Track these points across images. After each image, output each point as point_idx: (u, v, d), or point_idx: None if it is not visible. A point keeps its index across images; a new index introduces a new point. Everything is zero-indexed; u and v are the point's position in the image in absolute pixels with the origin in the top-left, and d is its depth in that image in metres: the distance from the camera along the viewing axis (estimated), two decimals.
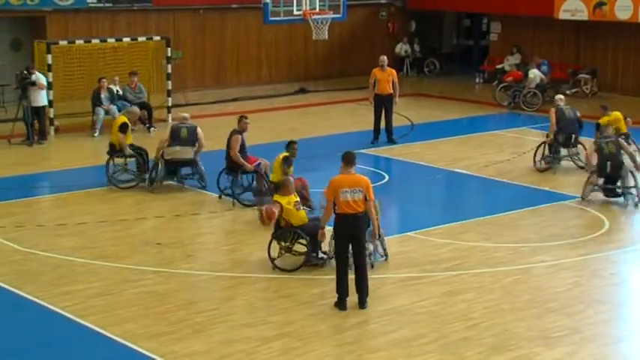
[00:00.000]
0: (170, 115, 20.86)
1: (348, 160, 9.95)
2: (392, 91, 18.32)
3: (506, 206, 14.02)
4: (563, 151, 16.20)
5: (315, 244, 11.04)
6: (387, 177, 15.63)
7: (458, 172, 16.25)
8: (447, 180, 16.13)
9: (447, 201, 15.26)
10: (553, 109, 16.19)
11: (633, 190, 13.92)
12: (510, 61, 25.47)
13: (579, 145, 16.12)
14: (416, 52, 28.17)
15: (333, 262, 10.96)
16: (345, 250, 9.91)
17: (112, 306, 9.99)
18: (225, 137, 19.41)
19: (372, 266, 10.89)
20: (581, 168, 15.72)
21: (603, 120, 15.76)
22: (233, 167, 14.11)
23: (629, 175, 14.06)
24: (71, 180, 15.23)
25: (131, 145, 15.04)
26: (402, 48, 28.00)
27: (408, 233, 12.65)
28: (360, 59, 26.84)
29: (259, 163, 14.29)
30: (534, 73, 22.59)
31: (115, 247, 12.17)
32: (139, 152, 15.10)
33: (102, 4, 22.80)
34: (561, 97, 17.05)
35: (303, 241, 11.06)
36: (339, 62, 27.32)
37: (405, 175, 16.38)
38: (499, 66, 25.63)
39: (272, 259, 11.07)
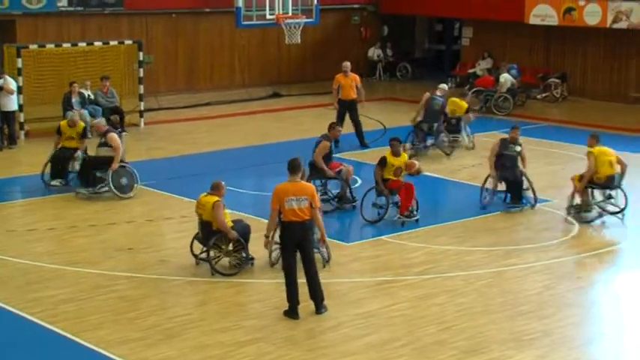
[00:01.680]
0: (142, 119, 20.76)
1: (294, 167, 9.85)
2: (356, 96, 18.55)
3: (478, 210, 14.10)
4: (431, 140, 17.75)
5: (246, 246, 11.07)
6: (360, 181, 15.65)
7: (430, 176, 16.31)
8: (420, 184, 16.13)
9: (420, 205, 15.28)
10: (427, 95, 17.62)
11: (528, 193, 14.00)
12: (482, 66, 25.65)
13: (442, 134, 17.77)
14: (388, 56, 28.28)
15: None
16: (293, 258, 9.81)
17: (82, 312, 9.91)
18: (197, 141, 19.47)
19: (324, 266, 11.01)
20: (447, 155, 17.50)
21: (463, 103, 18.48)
22: (316, 173, 13.96)
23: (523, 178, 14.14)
24: (41, 185, 15.07)
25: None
26: (374, 52, 28.10)
27: (382, 237, 12.68)
28: (333, 63, 26.71)
29: (340, 170, 14.05)
30: (505, 78, 22.77)
31: (86, 252, 12.07)
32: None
33: (73, 8, 22.63)
34: (444, 87, 18.36)
35: (225, 246, 11.03)
36: (312, 66, 27.34)
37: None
38: (471, 70, 25.81)
39: (212, 265, 11.00)
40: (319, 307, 9.87)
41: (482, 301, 10.32)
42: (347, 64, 18.80)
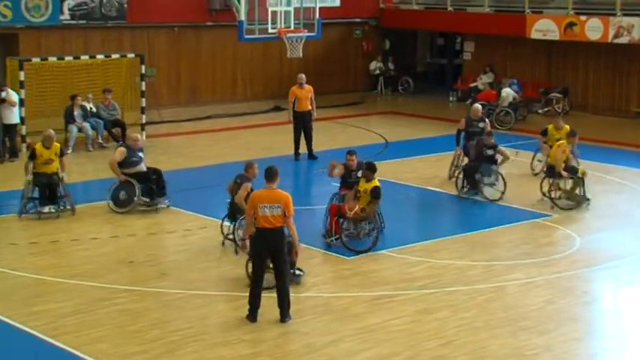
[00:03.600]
0: (144, 132, 20.78)
1: (270, 175, 10.06)
2: (310, 108, 18.70)
3: (479, 224, 14.10)
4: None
5: (290, 261, 11.06)
6: None
7: (432, 190, 16.33)
8: (421, 198, 16.18)
9: (421, 219, 15.31)
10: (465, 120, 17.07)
11: (500, 186, 15.29)
12: (483, 80, 25.69)
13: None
14: (390, 70, 28.33)
15: (303, 279, 11.09)
16: (261, 264, 10.00)
17: (84, 325, 9.89)
18: (199, 154, 19.48)
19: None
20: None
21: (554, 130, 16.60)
22: None
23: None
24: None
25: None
26: (376, 66, 28.16)
27: (382, 251, 12.65)
28: (335, 77, 26.95)
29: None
30: (507, 92, 22.81)
31: (88, 265, 12.06)
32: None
33: (75, 21, 22.72)
34: (478, 107, 17.61)
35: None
36: (313, 80, 27.13)
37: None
38: (472, 85, 25.85)
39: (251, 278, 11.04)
40: (284, 316, 9.99)
41: (483, 316, 10.29)
42: (302, 76, 19.00)
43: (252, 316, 9.99)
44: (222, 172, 17.65)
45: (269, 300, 10.53)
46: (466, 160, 16.21)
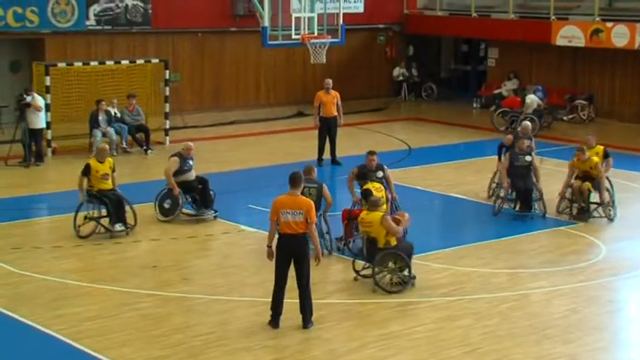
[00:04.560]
0: (168, 137, 20.87)
1: (294, 181, 10.04)
2: (336, 113, 18.66)
3: (503, 232, 14.00)
4: None
5: (409, 265, 11.14)
6: None
7: (455, 197, 16.25)
8: (445, 205, 16.11)
9: (445, 226, 15.22)
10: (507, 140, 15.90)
11: (539, 205, 14.64)
12: (508, 87, 25.56)
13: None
14: (414, 76, 28.27)
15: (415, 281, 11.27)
16: (284, 269, 9.97)
17: (106, 329, 9.93)
18: (222, 159, 19.53)
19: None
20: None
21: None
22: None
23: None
24: (67, 202, 15.16)
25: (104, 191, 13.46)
26: (399, 72, 28.11)
27: None
28: (358, 83, 26.91)
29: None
30: (531, 99, 22.67)
31: (111, 269, 12.11)
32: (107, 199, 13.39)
33: (101, 27, 22.89)
34: (529, 125, 16.53)
35: (391, 264, 11.11)
36: (337, 86, 27.14)
37: (401, 200, 16.31)
38: (496, 91, 25.72)
39: (376, 282, 11.08)
40: (306, 322, 9.98)
41: (507, 324, 10.21)
42: (329, 81, 18.96)
43: (274, 321, 10.00)
44: (245, 178, 17.74)
45: (291, 306, 10.50)
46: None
